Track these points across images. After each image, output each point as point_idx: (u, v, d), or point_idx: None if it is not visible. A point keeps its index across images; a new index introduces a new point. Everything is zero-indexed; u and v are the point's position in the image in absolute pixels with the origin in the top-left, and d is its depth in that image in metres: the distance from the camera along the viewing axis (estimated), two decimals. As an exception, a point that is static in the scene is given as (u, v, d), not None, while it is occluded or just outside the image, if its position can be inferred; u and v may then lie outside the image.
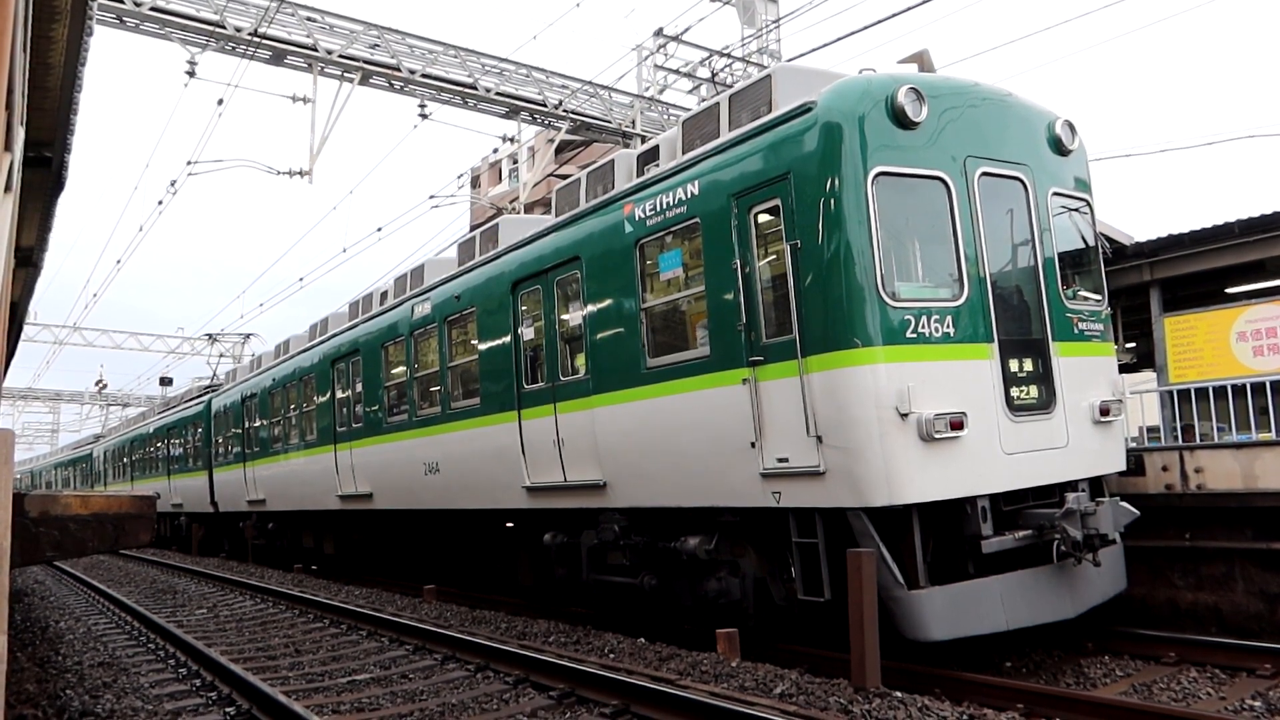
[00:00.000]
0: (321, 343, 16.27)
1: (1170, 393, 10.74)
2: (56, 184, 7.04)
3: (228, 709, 6.93)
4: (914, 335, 6.55)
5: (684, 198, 7.90)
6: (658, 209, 8.20)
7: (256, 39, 15.08)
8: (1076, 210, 8.04)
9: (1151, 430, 12.04)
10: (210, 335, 33.54)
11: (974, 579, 6.69)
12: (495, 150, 24.33)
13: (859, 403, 6.40)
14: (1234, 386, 9.83)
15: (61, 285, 33.54)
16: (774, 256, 7.21)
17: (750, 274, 7.26)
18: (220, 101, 15.92)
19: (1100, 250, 8.35)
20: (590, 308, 8.96)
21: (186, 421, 25.49)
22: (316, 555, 18.25)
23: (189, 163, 16.91)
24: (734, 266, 7.33)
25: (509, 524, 11.26)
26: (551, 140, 21.03)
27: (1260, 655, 6.91)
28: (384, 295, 14.32)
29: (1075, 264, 8.00)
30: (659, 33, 18.63)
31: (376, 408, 13.70)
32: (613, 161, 9.56)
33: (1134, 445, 9.74)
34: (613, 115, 19.18)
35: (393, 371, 13.49)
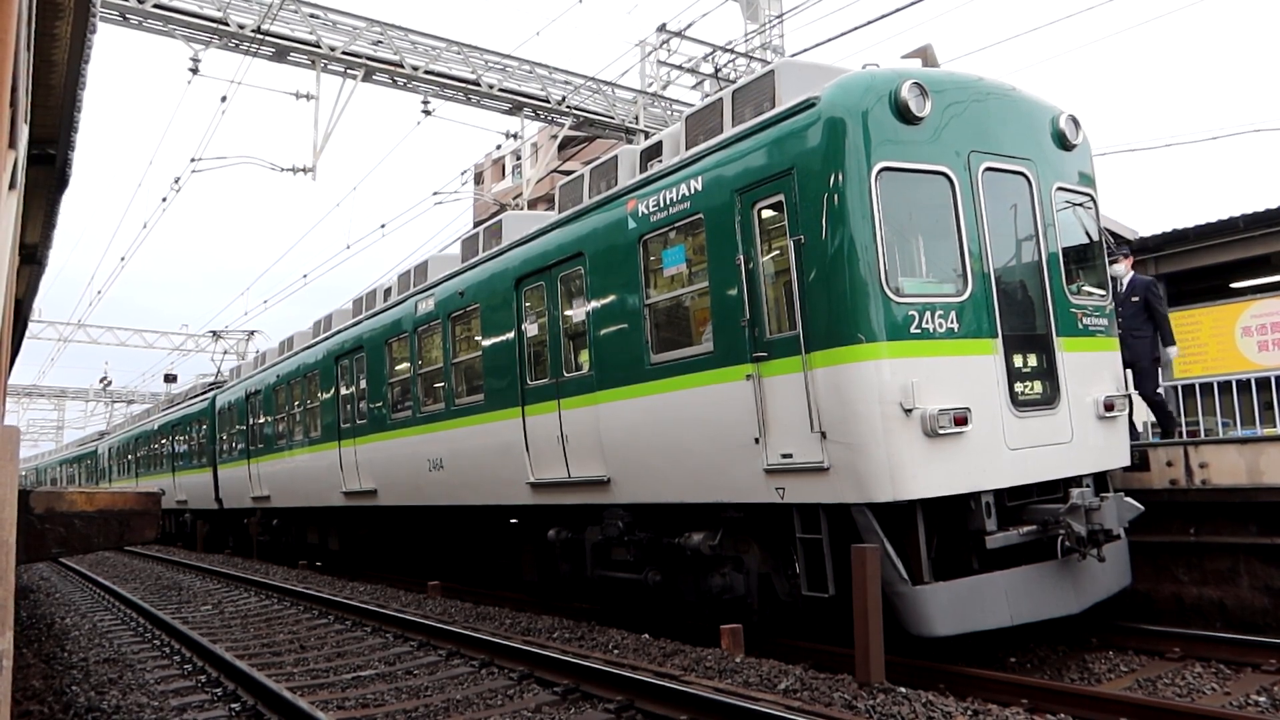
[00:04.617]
0: (325, 339, 16.29)
1: (1175, 388, 10.73)
2: (60, 181, 7.05)
3: (233, 705, 6.95)
4: (918, 331, 6.54)
5: (687, 193, 7.90)
6: (661, 205, 8.19)
7: (260, 36, 15.08)
8: (1080, 205, 8.01)
9: (1156, 425, 12.01)
10: (214, 332, 33.71)
11: (978, 574, 6.68)
12: (498, 146, 24.31)
13: (863, 398, 6.39)
14: (1239, 381, 9.82)
15: (66, 282, 33.62)
16: (777, 252, 7.20)
17: (754, 270, 7.25)
18: (224, 99, 15.93)
19: (1104, 245, 8.33)
20: (594, 304, 8.96)
21: (191, 418, 25.55)
22: (321, 551, 18.29)
23: (193, 160, 16.96)
24: (737, 262, 7.32)
25: (513, 520, 11.27)
26: (555, 136, 21.01)
27: (1265, 650, 6.90)
28: (388, 292, 14.33)
29: (1079, 259, 7.98)
30: (662, 28, 18.61)
31: (380, 404, 13.71)
32: (616, 157, 9.55)
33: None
34: (616, 111, 19.17)
35: (397, 368, 13.50)
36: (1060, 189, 7.73)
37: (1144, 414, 10.60)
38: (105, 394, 54.96)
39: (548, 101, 18.33)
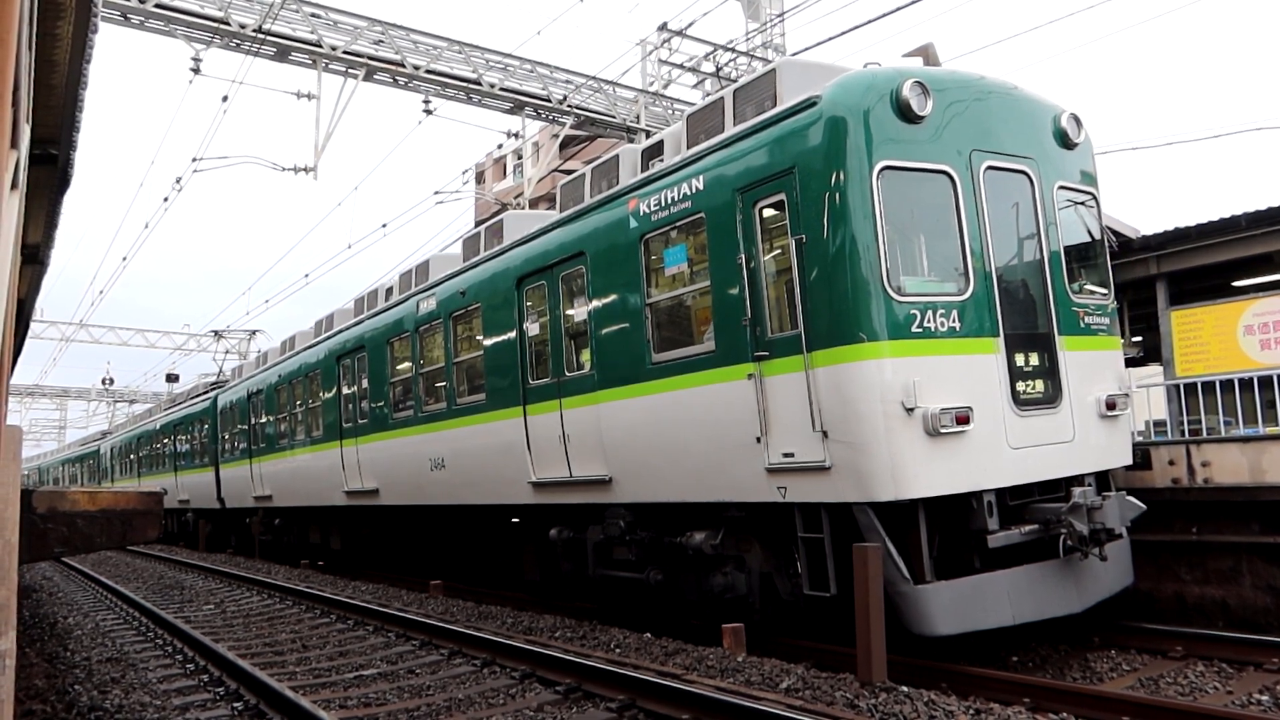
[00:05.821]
0: (327, 339, 16.30)
1: (1177, 386, 10.72)
2: (62, 181, 7.04)
3: (235, 704, 6.95)
4: (919, 330, 6.54)
5: (688, 193, 7.89)
6: (662, 204, 8.19)
7: (261, 35, 15.08)
8: (1082, 204, 8.01)
9: (1158, 424, 12.03)
10: (216, 332, 33.74)
11: (980, 574, 6.68)
12: (500, 146, 24.32)
13: (865, 397, 6.39)
14: (1241, 380, 9.80)
15: (68, 282, 33.60)
16: (779, 251, 7.20)
17: (755, 269, 7.25)
18: (225, 98, 15.92)
19: (1106, 244, 8.33)
20: (595, 303, 8.96)
21: (193, 418, 25.57)
22: (323, 551, 18.31)
23: (194, 160, 16.95)
24: (739, 261, 7.32)
25: (514, 519, 11.28)
26: (556, 135, 21.00)
27: (1267, 649, 6.90)
28: (389, 291, 14.34)
29: (1081, 258, 7.97)
30: (663, 27, 18.59)
31: (382, 404, 13.72)
32: (617, 157, 9.55)
33: (1140, 439, 9.72)
34: (617, 110, 19.15)
35: (398, 367, 13.51)
36: (1062, 188, 7.73)
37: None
38: (107, 394, 55.01)
39: (549, 101, 18.32)
